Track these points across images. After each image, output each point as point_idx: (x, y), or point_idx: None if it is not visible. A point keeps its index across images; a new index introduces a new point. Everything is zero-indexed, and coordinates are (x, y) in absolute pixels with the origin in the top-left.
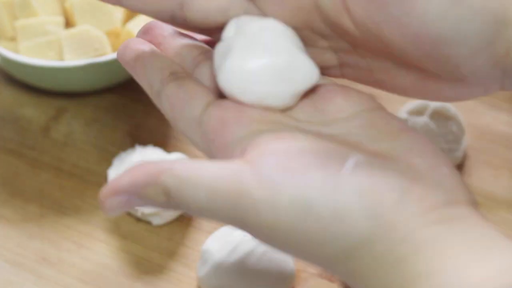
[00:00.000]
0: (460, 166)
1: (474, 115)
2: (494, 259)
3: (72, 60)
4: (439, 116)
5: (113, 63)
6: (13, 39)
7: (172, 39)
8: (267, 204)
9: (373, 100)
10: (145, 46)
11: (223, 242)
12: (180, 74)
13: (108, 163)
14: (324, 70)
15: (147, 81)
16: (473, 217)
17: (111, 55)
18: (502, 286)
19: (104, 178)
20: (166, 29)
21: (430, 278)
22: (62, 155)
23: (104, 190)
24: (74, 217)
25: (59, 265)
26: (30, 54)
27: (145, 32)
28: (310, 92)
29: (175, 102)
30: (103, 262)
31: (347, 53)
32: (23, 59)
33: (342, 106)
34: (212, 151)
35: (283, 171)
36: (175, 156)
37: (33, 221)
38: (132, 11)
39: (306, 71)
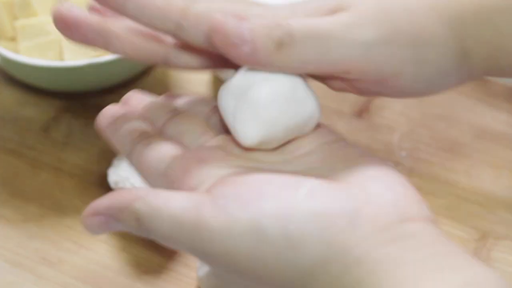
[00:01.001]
0: (459, 166)
1: (474, 115)
2: (445, 277)
3: (72, 60)
4: None
5: (113, 63)
6: (13, 39)
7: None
8: (223, 233)
9: (332, 132)
10: (118, 111)
11: None
12: (149, 134)
13: (108, 163)
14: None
15: (120, 145)
16: (428, 233)
17: (111, 55)
18: None
19: (104, 178)
20: (142, 99)
21: None
22: (62, 155)
23: (86, 210)
24: (74, 217)
25: (59, 265)
26: (30, 54)
27: (124, 103)
28: None
29: (142, 160)
30: (103, 262)
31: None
32: (23, 59)
33: (301, 143)
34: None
35: (238, 201)
36: None
37: (33, 221)
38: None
39: (312, 120)
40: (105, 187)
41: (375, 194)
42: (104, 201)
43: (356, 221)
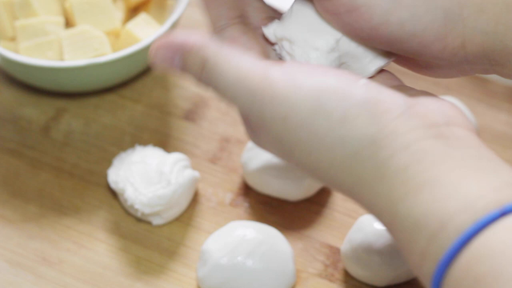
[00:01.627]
0: None
1: (474, 115)
2: (489, 177)
3: (72, 60)
4: None
5: (113, 63)
6: (13, 39)
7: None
8: (286, 95)
9: (396, 78)
10: None
11: (223, 242)
12: (246, 22)
13: (108, 163)
14: None
15: (215, 14)
16: (472, 139)
17: (111, 55)
18: (495, 204)
19: (104, 178)
20: None
21: (429, 189)
22: (62, 155)
23: (158, 41)
24: (74, 217)
25: (59, 265)
26: (30, 54)
27: None
28: None
29: (235, 44)
30: (103, 262)
31: None
32: (23, 59)
33: None
34: None
35: (305, 72)
36: (175, 156)
37: (33, 221)
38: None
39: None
40: (105, 187)
41: (426, 101)
42: (178, 38)
43: (407, 114)
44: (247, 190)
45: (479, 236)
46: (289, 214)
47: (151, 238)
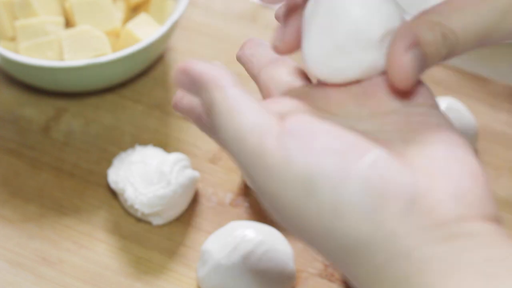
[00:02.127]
0: None
1: (474, 115)
2: (500, 285)
3: (72, 60)
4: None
5: (113, 63)
6: (13, 39)
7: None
8: (277, 170)
9: (428, 95)
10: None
11: (223, 242)
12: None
13: (108, 163)
14: None
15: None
16: (488, 233)
17: (111, 55)
18: None
19: (104, 178)
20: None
21: None
22: (62, 155)
23: (182, 64)
24: (74, 217)
25: (59, 265)
26: (30, 54)
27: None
28: (355, 84)
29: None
30: (103, 262)
31: None
32: (23, 59)
33: (387, 98)
34: None
35: (302, 145)
36: (175, 156)
37: (33, 221)
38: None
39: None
40: (105, 187)
41: (439, 183)
42: (199, 67)
43: (412, 209)
44: (247, 190)
45: None
46: None
47: (151, 238)
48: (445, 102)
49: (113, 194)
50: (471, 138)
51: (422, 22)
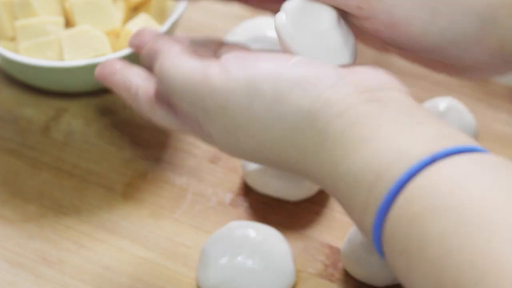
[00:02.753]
0: None
1: (474, 115)
2: (421, 130)
3: (72, 60)
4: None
5: None
6: (13, 39)
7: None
8: (223, 88)
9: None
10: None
11: (223, 242)
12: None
13: (108, 163)
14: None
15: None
16: (407, 100)
17: (111, 55)
18: (426, 152)
19: (104, 178)
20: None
21: (365, 146)
22: (62, 155)
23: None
24: (74, 217)
25: (59, 265)
26: (30, 54)
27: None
28: None
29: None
30: (103, 262)
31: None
32: (23, 59)
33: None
34: None
35: (238, 63)
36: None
37: (33, 221)
38: None
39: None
40: (105, 187)
41: (361, 70)
42: (131, 41)
43: (340, 83)
44: (247, 190)
45: (412, 182)
46: (289, 214)
47: (151, 238)
48: (445, 102)
49: (113, 194)
50: None
51: None
